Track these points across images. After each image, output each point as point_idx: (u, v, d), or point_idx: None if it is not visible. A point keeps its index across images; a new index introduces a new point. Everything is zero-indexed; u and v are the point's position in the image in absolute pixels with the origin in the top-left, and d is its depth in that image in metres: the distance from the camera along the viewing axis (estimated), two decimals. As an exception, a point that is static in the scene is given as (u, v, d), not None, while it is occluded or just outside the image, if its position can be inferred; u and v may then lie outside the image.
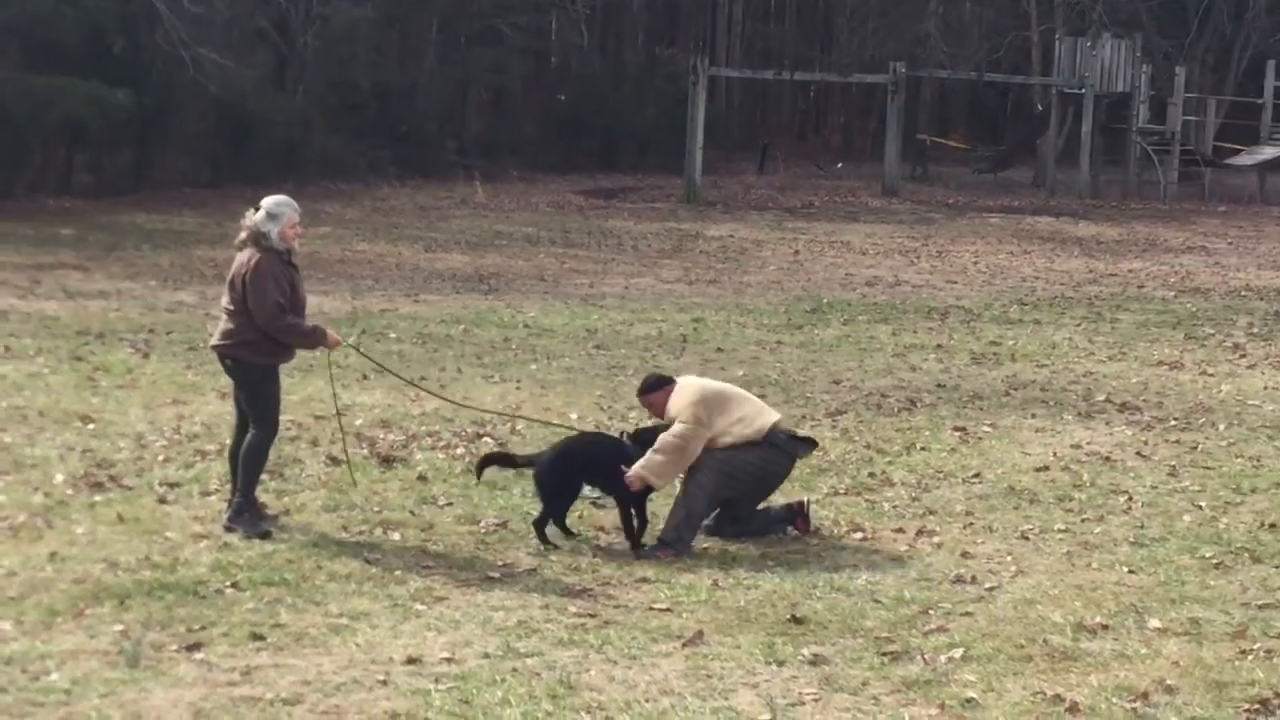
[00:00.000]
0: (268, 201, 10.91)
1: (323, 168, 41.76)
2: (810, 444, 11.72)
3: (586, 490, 11.18)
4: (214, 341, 11.11)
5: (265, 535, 10.60)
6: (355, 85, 43.63)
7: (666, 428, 10.83)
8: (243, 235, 10.94)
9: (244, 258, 10.84)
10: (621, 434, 11.50)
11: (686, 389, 11.02)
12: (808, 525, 11.13)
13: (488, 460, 11.54)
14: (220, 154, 40.58)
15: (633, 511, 10.77)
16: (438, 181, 42.82)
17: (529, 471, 11.17)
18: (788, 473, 11.35)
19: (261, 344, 10.77)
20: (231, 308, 10.86)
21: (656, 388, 11.19)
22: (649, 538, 10.71)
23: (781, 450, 11.12)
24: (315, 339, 10.96)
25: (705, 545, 10.83)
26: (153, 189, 37.52)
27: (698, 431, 10.71)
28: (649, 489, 10.79)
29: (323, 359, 15.65)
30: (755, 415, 11.05)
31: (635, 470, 10.64)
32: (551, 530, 10.76)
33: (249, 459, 10.89)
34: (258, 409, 10.95)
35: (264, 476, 12.08)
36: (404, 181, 42.22)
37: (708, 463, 10.78)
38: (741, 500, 11.00)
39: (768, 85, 60.13)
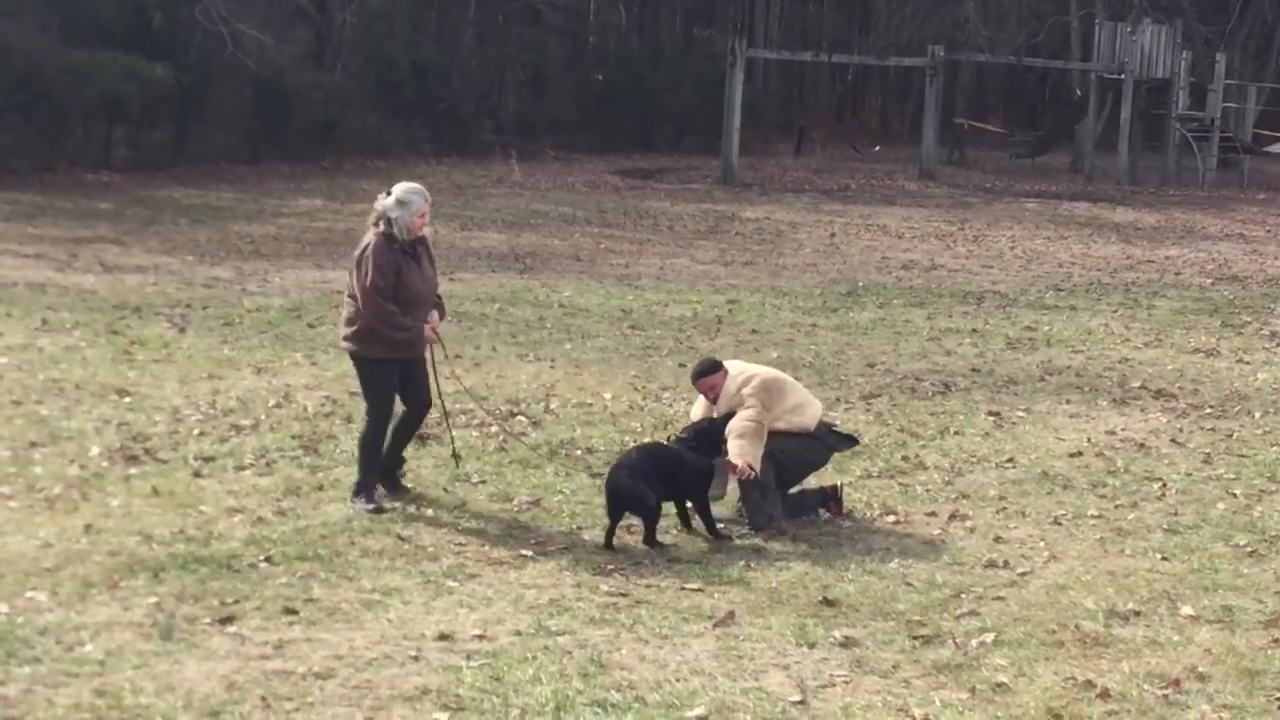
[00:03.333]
0: (399, 188, 10.84)
1: (360, 145, 41.87)
2: (851, 441, 11.69)
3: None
4: (340, 331, 11.17)
5: (379, 511, 10.62)
6: (393, 63, 43.68)
7: (709, 428, 10.83)
8: (371, 217, 10.89)
9: (364, 240, 10.88)
10: (669, 438, 11.23)
11: (742, 374, 11.00)
12: (840, 508, 11.13)
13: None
14: (258, 130, 40.70)
15: (692, 506, 10.69)
16: (474, 160, 42.86)
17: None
18: (824, 464, 11.36)
19: (368, 335, 10.79)
20: (346, 291, 11.01)
21: (715, 370, 11.09)
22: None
23: (823, 443, 11.15)
24: (407, 333, 10.81)
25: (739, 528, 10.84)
26: (190, 164, 37.65)
27: (764, 415, 10.72)
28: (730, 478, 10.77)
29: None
30: (806, 404, 11.10)
31: (735, 459, 10.56)
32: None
33: (360, 450, 11.01)
34: (367, 400, 11.05)
35: (299, 451, 12.18)
36: (440, 159, 42.27)
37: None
38: (778, 480, 10.97)
39: (805, 67, 60.08)
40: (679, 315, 19.87)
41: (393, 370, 10.92)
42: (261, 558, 9.59)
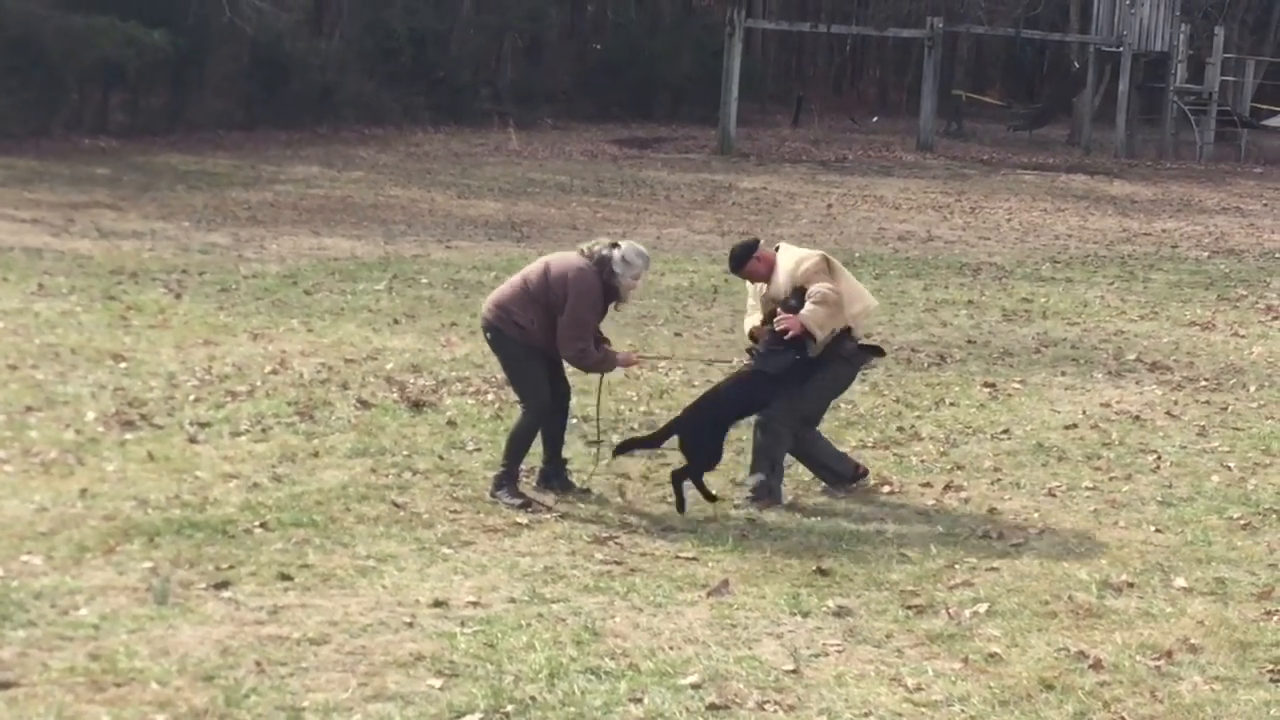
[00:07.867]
0: (630, 249, 10.58)
1: (357, 112, 41.82)
2: (878, 352, 11.75)
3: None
4: (484, 312, 10.82)
5: (526, 505, 10.28)
6: (391, 30, 43.60)
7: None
8: (589, 251, 10.65)
9: (578, 263, 10.59)
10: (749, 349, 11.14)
11: (802, 252, 10.87)
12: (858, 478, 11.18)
13: (628, 445, 11.10)
14: (255, 96, 40.62)
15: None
16: (472, 128, 42.82)
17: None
18: (850, 384, 11.32)
19: (534, 332, 10.49)
20: (528, 290, 10.61)
21: (751, 252, 10.90)
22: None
23: (849, 363, 10.99)
24: (608, 363, 10.70)
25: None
26: (187, 130, 37.61)
27: (836, 289, 10.58)
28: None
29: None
30: (859, 294, 10.91)
31: (799, 317, 10.48)
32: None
33: (513, 439, 10.60)
34: (520, 389, 10.76)
35: (295, 418, 12.18)
36: (438, 127, 42.21)
37: (780, 407, 10.71)
38: (814, 416, 11.01)
39: (804, 38, 59.95)
40: (675, 285, 19.86)
41: (541, 356, 10.60)
42: (257, 523, 9.60)
